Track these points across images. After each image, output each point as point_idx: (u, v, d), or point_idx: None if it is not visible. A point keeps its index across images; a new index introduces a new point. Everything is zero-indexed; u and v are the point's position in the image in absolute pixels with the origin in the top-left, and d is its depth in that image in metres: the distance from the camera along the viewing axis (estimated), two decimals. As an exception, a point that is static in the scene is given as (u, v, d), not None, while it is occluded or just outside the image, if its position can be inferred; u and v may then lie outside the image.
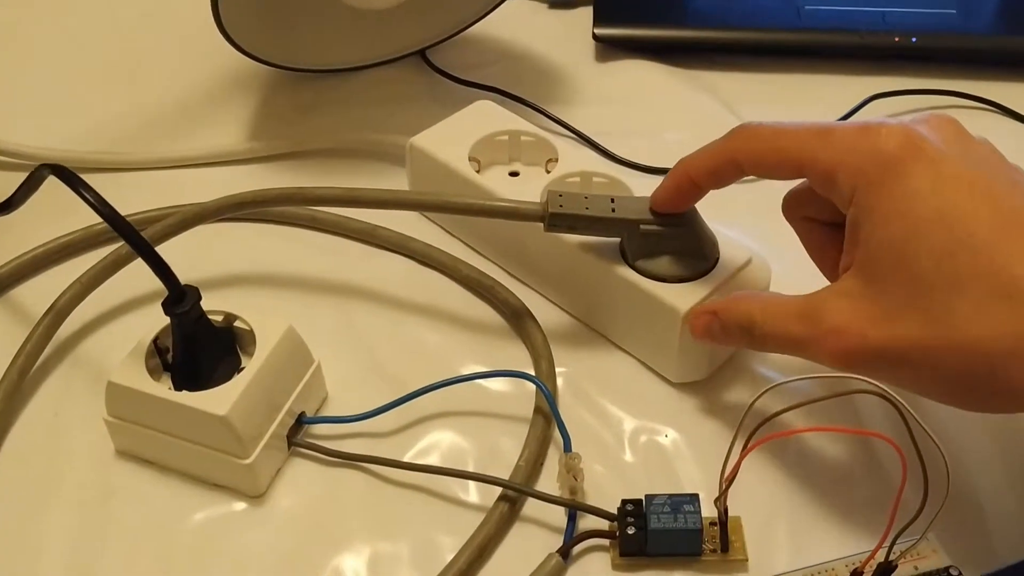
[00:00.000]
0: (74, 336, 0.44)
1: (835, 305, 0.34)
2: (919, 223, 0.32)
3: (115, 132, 0.55)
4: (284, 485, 0.38)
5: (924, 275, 0.32)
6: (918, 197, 0.32)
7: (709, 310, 0.38)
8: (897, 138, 0.33)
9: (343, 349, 0.43)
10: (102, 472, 0.39)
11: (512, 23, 0.60)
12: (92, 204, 0.34)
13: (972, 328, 0.30)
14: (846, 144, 0.34)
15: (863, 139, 0.34)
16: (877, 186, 0.33)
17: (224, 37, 0.49)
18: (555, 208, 0.40)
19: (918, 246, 0.32)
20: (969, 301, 0.31)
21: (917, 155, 0.33)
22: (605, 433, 0.40)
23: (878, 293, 0.33)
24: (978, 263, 0.31)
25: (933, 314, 0.31)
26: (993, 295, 0.30)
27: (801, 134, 0.35)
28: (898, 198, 0.32)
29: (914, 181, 0.32)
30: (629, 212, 0.40)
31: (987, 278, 0.31)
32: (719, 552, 0.35)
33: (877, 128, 0.34)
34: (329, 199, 0.44)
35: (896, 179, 0.33)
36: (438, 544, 0.36)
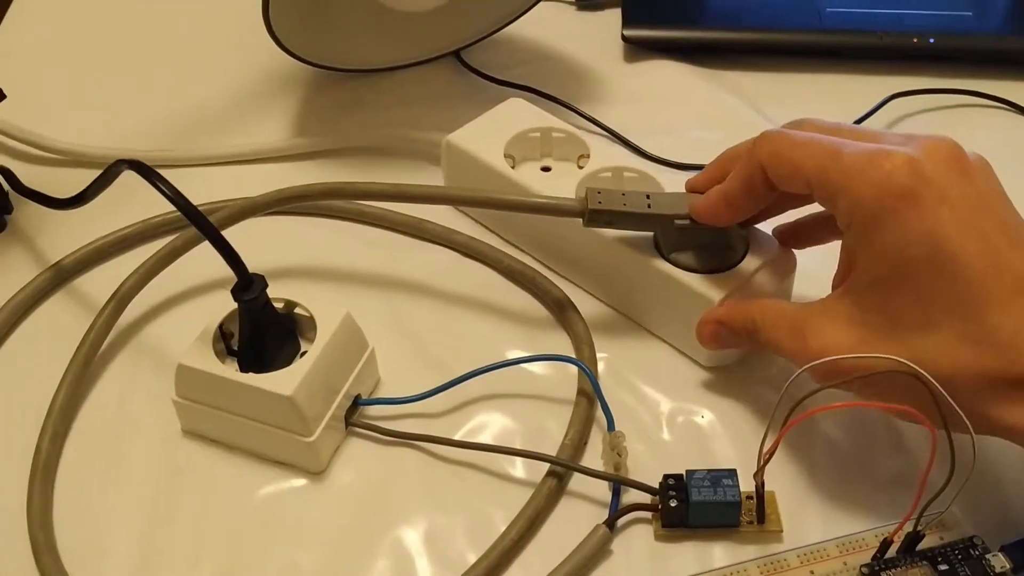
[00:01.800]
0: (136, 323, 0.46)
1: (820, 325, 0.36)
2: (907, 265, 0.33)
3: (165, 130, 0.57)
4: (343, 463, 0.40)
5: (904, 312, 0.34)
6: (911, 239, 0.33)
7: (713, 319, 0.40)
8: (903, 170, 0.34)
9: (392, 336, 0.45)
10: (169, 451, 0.41)
11: (543, 25, 0.62)
12: (168, 196, 0.36)
13: (941, 363, 0.33)
14: (853, 169, 0.35)
15: (869, 168, 0.34)
16: (875, 222, 0.34)
17: (273, 39, 0.51)
18: (594, 204, 0.42)
19: (907, 285, 0.34)
20: (941, 341, 0.33)
21: (922, 193, 0.33)
22: (644, 414, 0.42)
23: (861, 322, 0.35)
24: (954, 306, 0.33)
25: (906, 348, 0.33)
26: (963, 338, 0.33)
27: (815, 150, 0.36)
28: (894, 238, 0.34)
29: (911, 221, 0.33)
30: (664, 207, 0.42)
31: (961, 322, 0.33)
32: (755, 524, 0.37)
33: (883, 158, 0.34)
34: (376, 194, 0.46)
35: (898, 216, 0.33)
36: (490, 517, 0.39)
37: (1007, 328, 0.32)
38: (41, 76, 0.61)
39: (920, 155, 0.34)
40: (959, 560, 0.35)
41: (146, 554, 0.38)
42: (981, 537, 0.36)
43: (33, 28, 0.66)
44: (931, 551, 0.36)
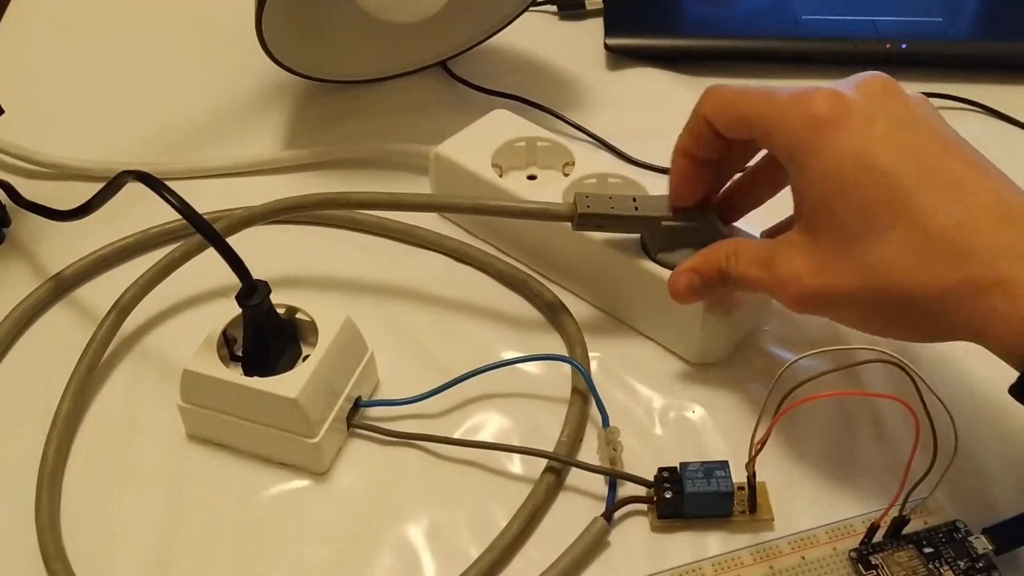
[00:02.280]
0: (138, 331, 0.47)
1: (784, 254, 0.38)
2: (845, 181, 0.35)
3: (157, 143, 0.58)
4: (345, 463, 0.42)
5: (850, 228, 0.35)
6: (843, 157, 0.35)
7: (686, 268, 0.42)
8: (827, 101, 0.36)
9: (390, 340, 0.46)
10: (175, 455, 0.42)
11: (527, 35, 0.63)
12: (176, 206, 0.37)
13: (891, 272, 0.34)
14: (783, 107, 0.37)
15: (798, 102, 0.37)
16: (809, 147, 0.36)
17: (265, 52, 0.52)
18: (583, 208, 0.43)
19: (845, 202, 0.35)
20: (887, 249, 0.34)
21: (845, 117, 0.36)
22: (637, 410, 0.43)
23: (814, 245, 0.37)
24: (896, 215, 0.34)
25: (858, 262, 0.35)
26: (909, 244, 0.34)
27: (752, 95, 0.39)
28: (827, 159, 0.36)
29: (841, 142, 0.35)
30: (650, 210, 0.43)
31: (904, 229, 0.34)
32: (747, 513, 0.39)
33: (811, 92, 0.37)
34: (372, 203, 0.47)
35: (825, 140, 0.36)
36: (491, 513, 0.40)
37: (949, 229, 0.34)
38: (32, 90, 0.62)
39: (846, 87, 0.37)
40: (943, 543, 0.37)
41: (156, 558, 0.39)
42: (964, 521, 0.38)
43: (25, 42, 0.67)
44: (916, 535, 0.37)
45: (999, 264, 0.33)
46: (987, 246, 0.33)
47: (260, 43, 0.51)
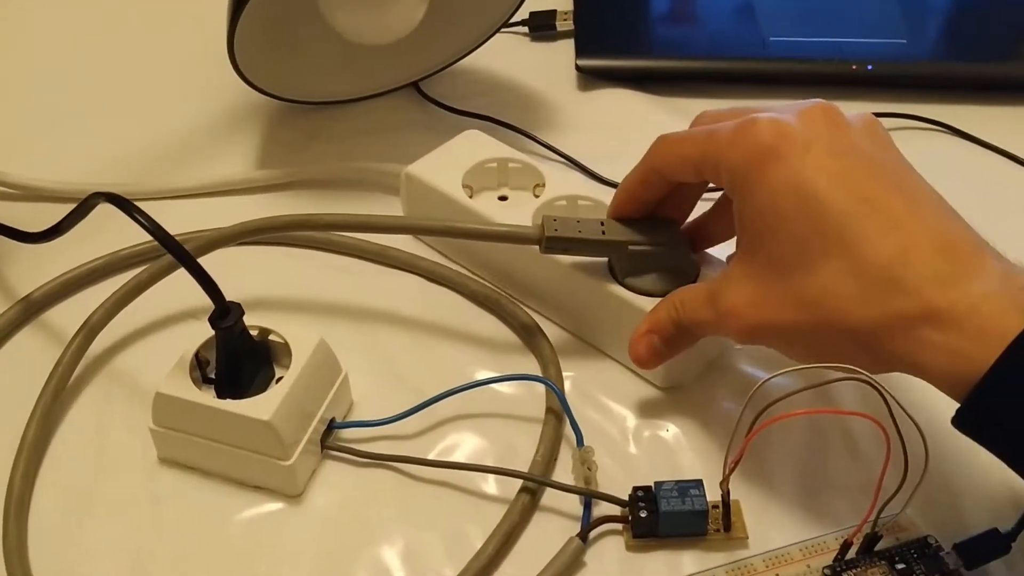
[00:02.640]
0: (107, 354, 0.46)
1: (726, 289, 0.38)
2: (783, 212, 0.36)
3: (127, 165, 0.57)
4: (319, 485, 0.41)
5: (787, 260, 0.36)
6: (780, 190, 0.36)
7: (642, 332, 0.42)
8: (767, 132, 0.36)
9: (364, 360, 0.46)
10: (147, 479, 0.41)
11: (499, 56, 0.64)
12: (147, 227, 0.37)
13: (829, 305, 0.35)
14: (724, 142, 0.38)
15: (740, 134, 0.37)
16: (748, 182, 0.37)
17: (237, 74, 0.52)
18: (551, 232, 0.43)
19: (781, 235, 0.36)
20: (823, 280, 0.35)
21: (784, 147, 0.36)
22: (611, 429, 0.43)
23: (754, 279, 0.37)
24: (830, 247, 0.35)
25: (796, 295, 0.35)
26: (843, 274, 0.34)
27: (696, 136, 0.39)
28: (764, 192, 0.36)
29: (778, 174, 0.36)
30: (618, 234, 0.43)
31: (838, 260, 0.34)
32: (722, 532, 0.39)
33: (749, 125, 0.37)
34: (342, 225, 0.47)
35: (765, 171, 0.36)
36: (467, 534, 0.40)
37: (883, 260, 0.34)
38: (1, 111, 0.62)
39: (786, 116, 0.37)
40: (915, 559, 0.37)
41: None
42: (935, 536, 0.38)
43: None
44: (888, 551, 0.38)
45: (931, 295, 0.33)
46: (919, 277, 0.33)
47: (232, 64, 0.51)
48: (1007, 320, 0.32)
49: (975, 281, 0.33)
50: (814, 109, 0.38)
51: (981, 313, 0.32)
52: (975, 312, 0.33)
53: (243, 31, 0.50)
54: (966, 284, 0.33)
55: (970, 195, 0.55)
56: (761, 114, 0.38)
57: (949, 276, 0.33)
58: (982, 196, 0.56)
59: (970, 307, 0.33)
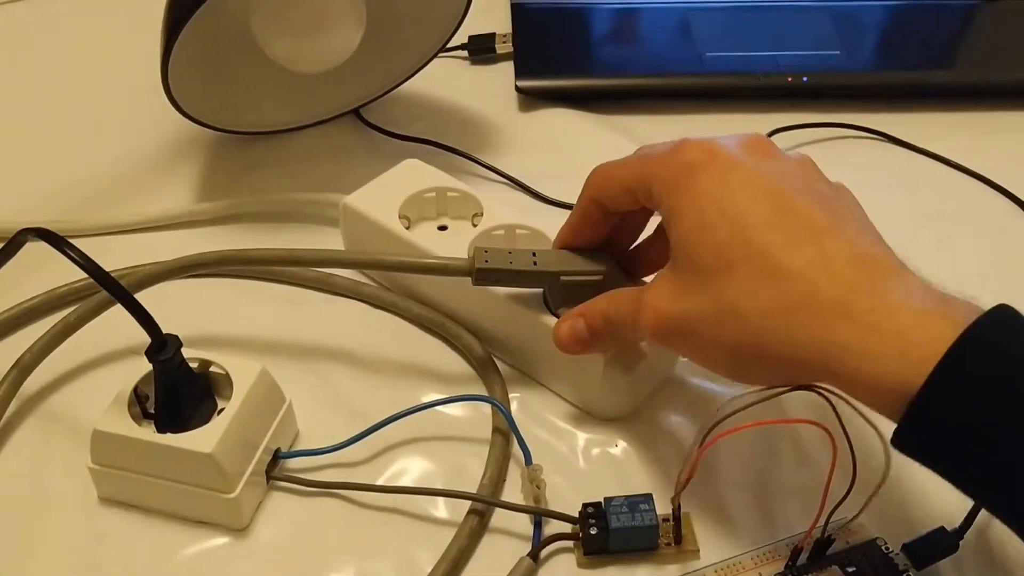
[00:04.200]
0: (45, 391, 0.45)
1: (653, 288, 0.38)
2: (704, 219, 0.36)
3: (62, 201, 0.57)
4: (265, 517, 0.41)
5: (707, 264, 0.36)
6: (704, 199, 0.36)
7: (574, 314, 0.42)
8: (696, 150, 0.37)
9: (310, 389, 0.45)
10: (87, 518, 0.40)
11: (439, 80, 0.64)
12: (77, 262, 0.36)
13: (741, 305, 0.35)
14: (655, 160, 0.39)
15: (668, 156, 0.38)
16: (676, 189, 0.37)
17: (172, 104, 0.52)
18: (481, 263, 0.42)
19: (702, 239, 0.36)
20: (740, 284, 0.35)
21: (711, 163, 0.37)
22: (560, 447, 0.43)
23: (676, 278, 0.37)
24: (749, 253, 0.35)
25: (712, 294, 0.35)
26: (761, 276, 0.34)
27: (629, 161, 0.40)
28: (689, 201, 0.37)
29: (703, 185, 0.36)
30: (550, 264, 0.43)
31: (757, 263, 0.35)
32: (673, 545, 0.39)
33: (682, 143, 0.38)
34: (270, 259, 0.47)
35: (688, 186, 0.37)
36: (417, 560, 0.39)
37: (800, 264, 0.34)
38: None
39: (718, 140, 0.38)
40: (864, 561, 0.37)
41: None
42: (884, 539, 0.38)
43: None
44: (839, 555, 0.38)
45: (846, 298, 0.33)
46: (836, 281, 0.33)
47: (167, 95, 0.51)
48: (932, 325, 0.31)
49: (895, 290, 0.33)
50: (749, 136, 0.39)
51: (901, 318, 0.32)
52: (894, 316, 0.32)
53: (178, 62, 0.49)
54: (887, 291, 0.33)
55: (907, 199, 0.57)
56: (686, 139, 0.38)
57: (866, 282, 0.33)
58: (917, 198, 0.57)
59: (889, 311, 0.32)
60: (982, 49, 0.68)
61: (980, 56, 0.67)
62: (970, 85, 0.64)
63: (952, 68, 0.66)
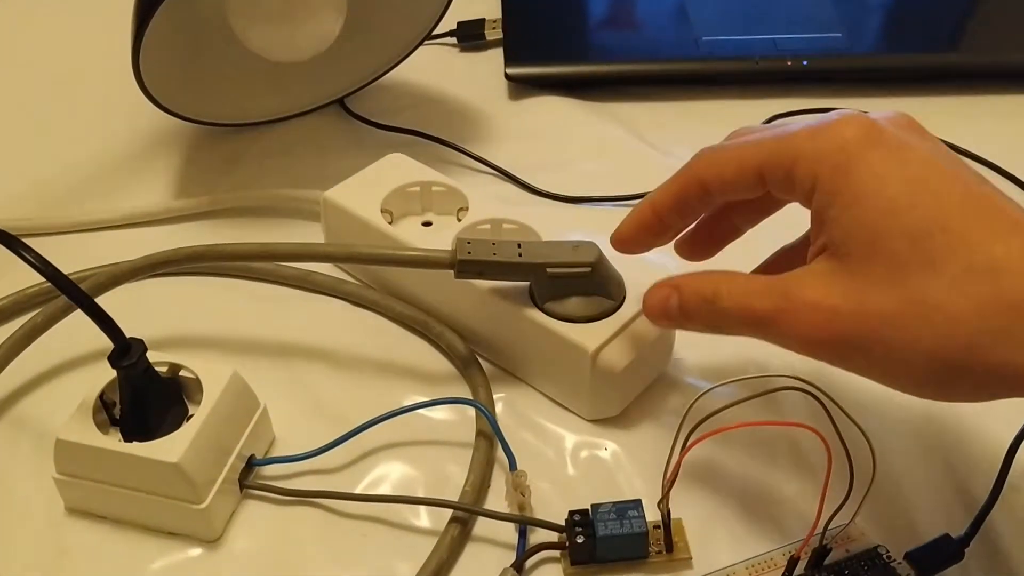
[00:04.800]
0: (11, 399, 0.44)
1: (807, 281, 0.33)
2: (891, 203, 0.31)
3: (37, 197, 0.55)
4: (239, 527, 0.39)
5: (899, 254, 0.31)
6: (888, 179, 0.32)
7: (670, 284, 0.37)
8: (855, 126, 0.33)
9: (286, 392, 0.44)
10: (54, 531, 0.39)
11: (427, 68, 0.62)
12: (33, 264, 0.35)
13: (949, 303, 0.30)
14: (803, 137, 0.34)
15: (821, 131, 0.33)
16: (842, 170, 0.33)
17: (146, 95, 0.50)
18: (464, 255, 0.40)
19: (891, 225, 0.31)
20: (946, 279, 0.30)
21: (878, 141, 0.32)
22: (547, 451, 0.41)
23: (853, 272, 0.32)
24: (953, 243, 0.31)
25: (909, 291, 0.31)
26: (970, 272, 0.30)
27: (760, 140, 0.35)
28: (866, 180, 0.32)
29: (880, 164, 0.32)
30: (536, 256, 0.41)
31: (963, 257, 0.30)
32: (664, 553, 0.37)
33: (834, 119, 0.34)
34: (243, 255, 0.45)
35: (860, 163, 0.32)
36: (396, 571, 0.37)
37: (1012, 257, 0.30)
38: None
39: (872, 115, 0.34)
40: (865, 571, 0.36)
41: (33, 644, 0.36)
42: (886, 546, 0.37)
43: None
44: (838, 564, 0.36)
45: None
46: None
47: (139, 85, 0.49)
48: None
49: None
50: (898, 114, 0.34)
51: None
52: None
53: (152, 52, 0.47)
54: None
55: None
56: (837, 112, 0.34)
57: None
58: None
59: None
60: (989, 30, 0.65)
61: (987, 38, 0.65)
62: (977, 68, 0.62)
63: (958, 50, 0.64)
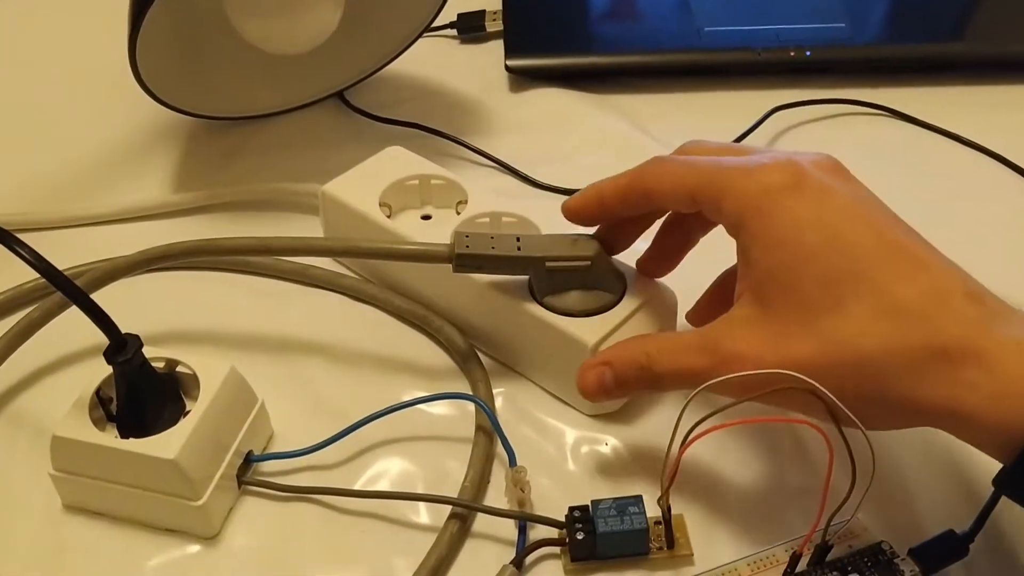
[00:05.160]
0: (8, 395, 0.43)
1: (732, 332, 0.35)
2: (805, 250, 0.33)
3: (34, 192, 0.55)
4: (237, 524, 0.39)
5: (813, 299, 0.33)
6: (804, 225, 0.34)
7: (599, 361, 0.38)
8: (782, 170, 0.35)
9: (285, 387, 0.43)
10: (52, 528, 0.39)
11: (426, 60, 0.62)
12: (27, 260, 0.34)
13: (861, 344, 0.32)
14: (736, 173, 0.35)
15: (751, 171, 0.35)
16: (763, 214, 0.34)
17: (143, 89, 0.50)
18: (462, 249, 0.40)
19: (805, 272, 0.33)
20: (856, 321, 0.32)
21: (801, 186, 0.34)
22: (548, 446, 0.41)
23: (771, 318, 0.34)
24: (861, 287, 0.32)
25: (824, 335, 0.33)
26: (878, 314, 0.32)
27: (699, 165, 0.37)
28: (784, 226, 0.34)
29: (799, 210, 0.34)
30: (535, 250, 0.41)
31: (871, 299, 0.32)
32: (665, 549, 0.37)
33: (764, 160, 0.35)
34: (240, 249, 0.45)
35: (781, 208, 0.34)
36: (394, 567, 0.37)
37: (917, 299, 0.32)
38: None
39: (796, 158, 0.35)
40: (868, 567, 0.35)
41: (31, 642, 0.35)
42: (889, 542, 0.36)
43: None
44: (841, 560, 0.35)
45: (971, 335, 0.31)
46: (957, 318, 0.31)
47: (136, 78, 0.49)
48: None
49: (1013, 327, 0.31)
50: (824, 158, 0.36)
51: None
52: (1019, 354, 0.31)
53: (149, 45, 0.47)
54: (1005, 328, 0.31)
55: (917, 179, 0.54)
56: (769, 152, 0.36)
57: (985, 318, 0.32)
58: (928, 178, 0.54)
59: (1016, 348, 0.31)
60: (995, 19, 0.65)
61: (993, 27, 0.64)
62: (983, 58, 0.61)
63: (963, 40, 0.63)
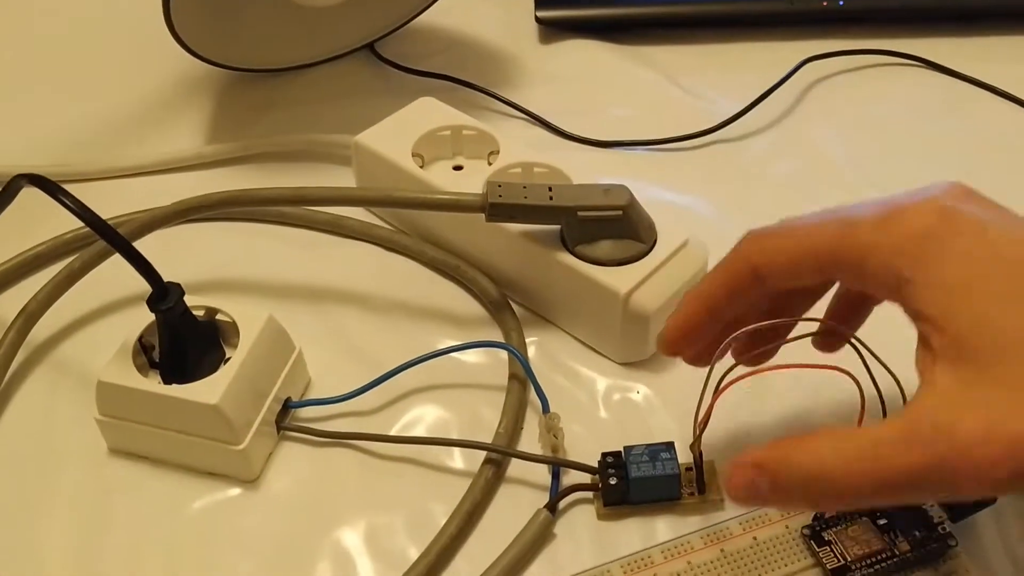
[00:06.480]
0: (51, 341, 0.44)
1: (955, 409, 0.27)
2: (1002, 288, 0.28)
3: (68, 144, 0.55)
4: (276, 468, 0.40)
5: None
6: (986, 263, 0.29)
7: (752, 462, 0.30)
8: (929, 212, 0.30)
9: (320, 335, 0.44)
10: (97, 470, 0.40)
11: (456, 11, 0.61)
12: (73, 210, 0.35)
13: None
14: (872, 224, 0.30)
15: (886, 220, 0.30)
16: (931, 261, 0.29)
17: (176, 40, 0.50)
18: (495, 198, 0.40)
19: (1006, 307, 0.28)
20: None
21: (957, 224, 0.29)
22: (579, 394, 0.42)
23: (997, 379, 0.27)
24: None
25: None
26: None
27: (817, 227, 0.32)
28: (964, 267, 0.29)
29: (971, 248, 0.29)
30: (566, 199, 0.41)
31: None
32: (696, 495, 0.37)
33: (903, 207, 0.30)
34: (275, 199, 0.45)
35: (950, 249, 0.29)
36: (431, 511, 0.38)
37: None
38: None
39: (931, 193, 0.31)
40: (897, 513, 0.36)
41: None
42: (917, 490, 0.36)
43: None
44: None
45: None
46: None
47: (170, 31, 0.49)
48: None
49: None
50: (954, 186, 0.31)
51: None
52: None
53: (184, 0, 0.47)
54: None
55: (954, 131, 0.54)
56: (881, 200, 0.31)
57: None
58: (965, 130, 0.54)
59: None
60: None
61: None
62: (1020, 7, 0.60)
63: (999, -12, 0.62)
